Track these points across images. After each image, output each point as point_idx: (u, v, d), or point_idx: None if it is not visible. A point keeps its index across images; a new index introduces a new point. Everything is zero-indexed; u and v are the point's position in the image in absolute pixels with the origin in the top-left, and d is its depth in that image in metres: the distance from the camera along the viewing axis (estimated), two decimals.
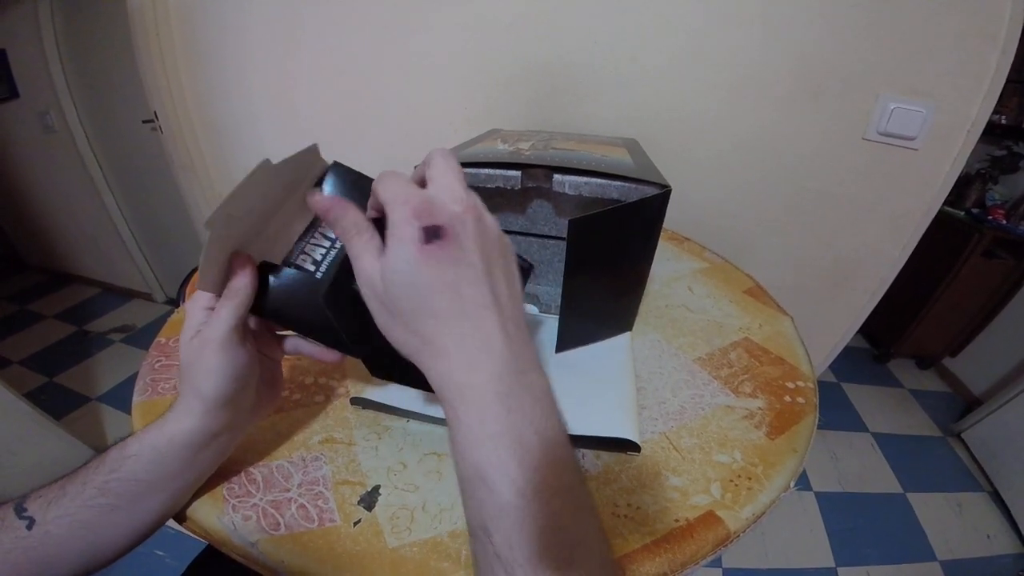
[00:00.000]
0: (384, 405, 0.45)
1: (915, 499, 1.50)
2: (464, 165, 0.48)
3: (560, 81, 0.97)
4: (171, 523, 0.39)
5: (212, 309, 0.31)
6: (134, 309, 2.33)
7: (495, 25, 0.94)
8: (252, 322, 0.35)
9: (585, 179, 0.47)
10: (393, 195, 0.25)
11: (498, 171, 0.48)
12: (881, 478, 1.58)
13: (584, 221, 0.42)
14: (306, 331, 0.35)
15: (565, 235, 0.45)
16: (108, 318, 2.28)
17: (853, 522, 1.42)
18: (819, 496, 1.49)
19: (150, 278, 2.32)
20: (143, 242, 2.24)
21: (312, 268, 0.35)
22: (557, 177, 0.48)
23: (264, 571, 0.36)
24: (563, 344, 0.53)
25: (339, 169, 0.37)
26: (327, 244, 0.36)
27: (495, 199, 0.57)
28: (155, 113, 1.20)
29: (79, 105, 1.91)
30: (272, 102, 1.14)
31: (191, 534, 0.38)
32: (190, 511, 0.37)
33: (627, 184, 0.46)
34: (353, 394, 0.47)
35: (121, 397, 1.80)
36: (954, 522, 1.44)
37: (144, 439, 0.31)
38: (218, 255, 0.30)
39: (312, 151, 0.35)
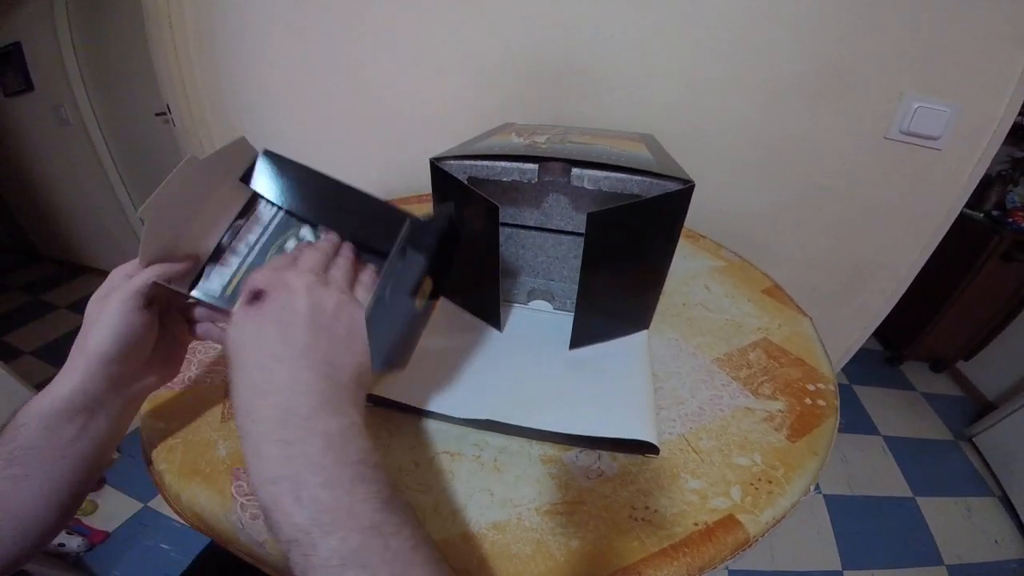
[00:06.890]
0: (398, 403, 0.43)
1: (924, 503, 1.48)
2: (479, 158, 0.48)
3: (575, 76, 0.96)
4: (177, 516, 0.38)
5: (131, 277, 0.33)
6: None
7: (510, 18, 0.93)
8: (169, 299, 0.37)
9: (605, 174, 0.46)
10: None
11: (515, 164, 0.47)
12: (891, 481, 1.56)
13: (604, 215, 0.41)
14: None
15: (581, 230, 0.44)
16: None
17: (861, 525, 1.40)
18: (828, 499, 1.47)
19: None
20: None
21: (246, 250, 0.40)
22: (575, 171, 0.47)
23: (271, 571, 0.35)
24: (577, 340, 0.52)
25: (270, 158, 0.39)
26: (259, 230, 0.40)
27: (510, 193, 0.56)
28: (167, 106, 1.19)
29: (93, 98, 1.92)
30: (285, 96, 1.13)
31: (197, 530, 0.38)
32: (198, 508, 0.37)
33: (648, 179, 0.45)
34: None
35: None
36: (962, 526, 1.42)
37: (31, 407, 0.31)
38: (154, 238, 0.34)
39: (240, 143, 0.37)
